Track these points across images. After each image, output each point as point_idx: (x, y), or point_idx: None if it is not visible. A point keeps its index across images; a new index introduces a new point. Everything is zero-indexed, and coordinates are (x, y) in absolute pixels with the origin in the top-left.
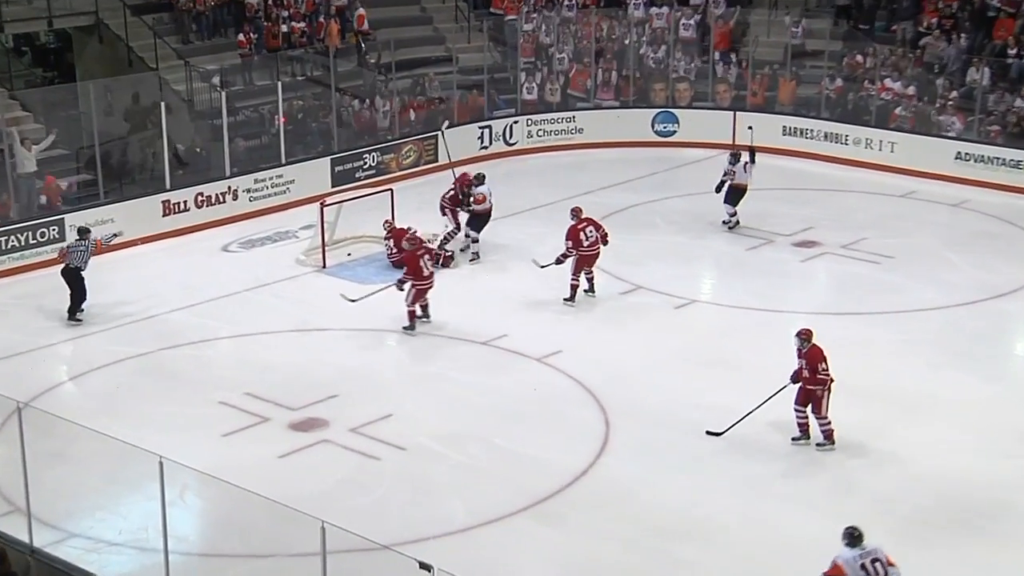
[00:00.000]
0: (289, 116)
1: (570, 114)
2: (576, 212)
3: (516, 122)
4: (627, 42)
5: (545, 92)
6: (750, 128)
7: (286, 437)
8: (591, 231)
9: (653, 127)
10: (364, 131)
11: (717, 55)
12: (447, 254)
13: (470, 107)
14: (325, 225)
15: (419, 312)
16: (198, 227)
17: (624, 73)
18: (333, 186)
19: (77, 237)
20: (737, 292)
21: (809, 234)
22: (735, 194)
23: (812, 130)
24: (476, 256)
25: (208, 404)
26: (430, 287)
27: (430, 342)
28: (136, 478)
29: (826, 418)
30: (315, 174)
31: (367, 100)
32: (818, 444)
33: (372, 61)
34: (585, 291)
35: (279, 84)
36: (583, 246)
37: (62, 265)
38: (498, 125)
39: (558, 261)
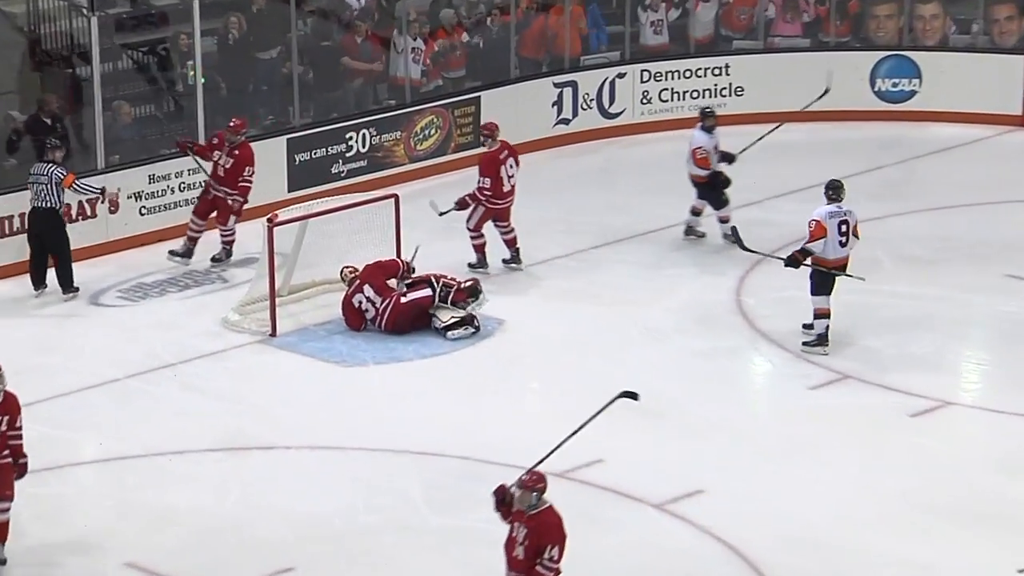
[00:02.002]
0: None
1: (720, 60)
2: (492, 130)
3: (622, 75)
4: None
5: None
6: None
7: None
8: (512, 166)
9: (874, 84)
10: (352, 87)
11: None
12: (464, 283)
13: (534, 41)
14: (276, 260)
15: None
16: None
17: None
18: (291, 190)
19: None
20: None
21: None
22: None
23: None
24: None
25: None
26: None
27: (462, 469)
28: None
29: None
30: (259, 167)
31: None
32: None
33: None
34: (505, 261)
35: (196, 3)
36: (502, 192)
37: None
38: (589, 81)
39: (461, 204)
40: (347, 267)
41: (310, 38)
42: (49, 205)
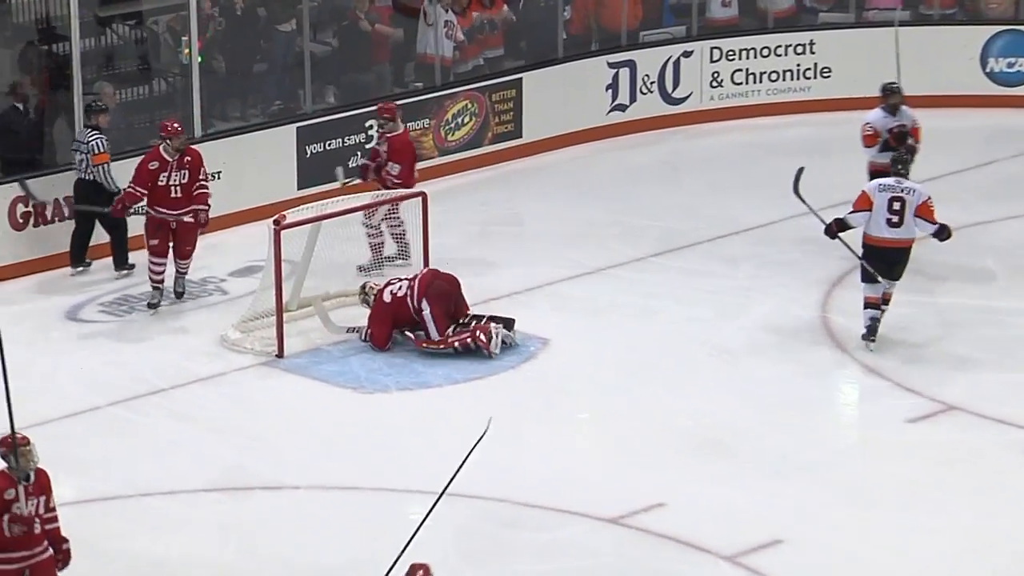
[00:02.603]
0: (207, 41)
1: (803, 37)
2: (392, 112)
3: (688, 54)
4: None
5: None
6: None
7: None
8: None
9: (985, 65)
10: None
11: None
12: (491, 330)
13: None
14: (284, 269)
15: None
16: (17, 268)
17: None
18: (301, 187)
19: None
20: None
21: None
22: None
23: None
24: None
25: None
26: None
27: (500, 513)
28: None
29: None
30: (265, 160)
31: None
32: None
33: None
34: (390, 258)
35: None
36: (412, 181)
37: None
38: (650, 60)
39: (364, 173)
40: (369, 282)
41: (329, 9)
42: (95, 177)
